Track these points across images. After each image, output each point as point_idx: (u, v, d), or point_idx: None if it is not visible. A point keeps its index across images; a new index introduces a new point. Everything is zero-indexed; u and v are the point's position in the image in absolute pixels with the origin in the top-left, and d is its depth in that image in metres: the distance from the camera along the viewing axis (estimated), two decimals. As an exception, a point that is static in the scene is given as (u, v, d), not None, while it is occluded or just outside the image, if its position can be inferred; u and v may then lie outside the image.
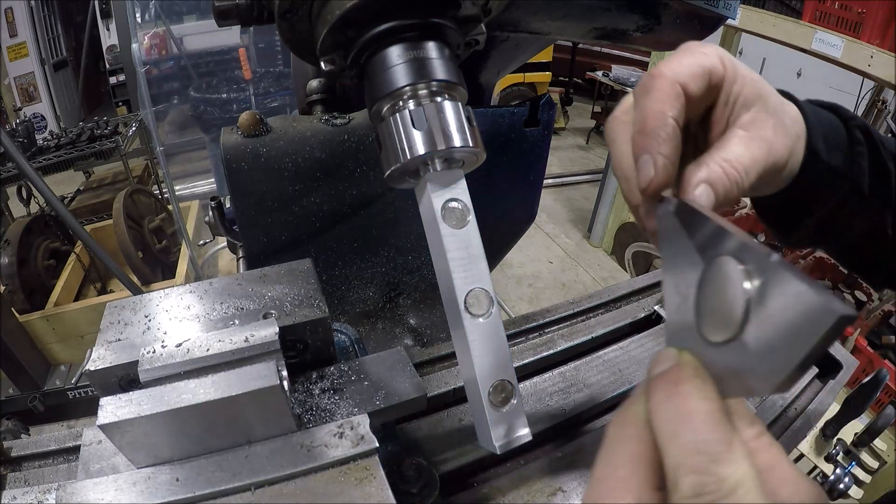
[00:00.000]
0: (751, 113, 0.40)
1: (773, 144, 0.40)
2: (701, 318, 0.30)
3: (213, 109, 3.61)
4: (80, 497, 0.43)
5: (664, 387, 0.28)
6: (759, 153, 0.39)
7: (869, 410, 1.01)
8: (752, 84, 0.41)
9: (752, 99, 0.40)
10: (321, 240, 0.89)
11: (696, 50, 0.39)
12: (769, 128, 0.41)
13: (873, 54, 2.25)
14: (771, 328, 0.24)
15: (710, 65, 0.39)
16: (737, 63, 0.41)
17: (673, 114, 0.37)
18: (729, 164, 0.38)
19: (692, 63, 0.38)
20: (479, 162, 0.45)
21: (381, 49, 0.43)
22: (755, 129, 0.40)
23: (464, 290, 0.42)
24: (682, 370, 0.28)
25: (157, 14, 3.73)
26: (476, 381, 0.42)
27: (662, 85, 0.37)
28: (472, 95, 0.49)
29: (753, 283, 0.26)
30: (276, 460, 0.47)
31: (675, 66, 0.38)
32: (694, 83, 0.38)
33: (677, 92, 0.37)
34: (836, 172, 0.47)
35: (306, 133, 0.80)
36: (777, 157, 0.41)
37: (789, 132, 0.42)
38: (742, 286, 0.26)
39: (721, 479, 0.23)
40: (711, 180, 0.37)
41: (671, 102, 0.37)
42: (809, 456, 1.03)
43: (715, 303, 0.28)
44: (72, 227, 1.03)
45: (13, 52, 5.18)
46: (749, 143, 0.39)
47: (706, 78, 0.38)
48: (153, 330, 0.53)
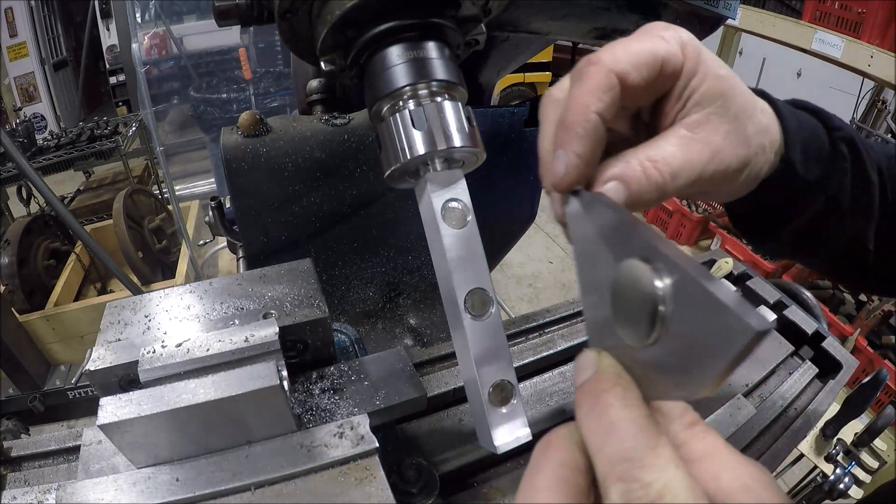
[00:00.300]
0: (703, 112, 0.36)
1: (719, 151, 0.37)
2: (617, 320, 0.29)
3: (213, 109, 3.61)
4: (80, 497, 0.43)
5: (587, 399, 0.28)
6: (697, 158, 0.36)
7: (869, 410, 1.01)
8: (716, 81, 0.36)
9: (711, 97, 0.36)
10: (321, 240, 0.89)
11: (653, 34, 0.36)
12: (720, 132, 0.37)
13: (873, 54, 2.25)
14: (686, 338, 0.24)
15: (665, 52, 0.35)
16: (704, 55, 0.36)
17: (598, 107, 0.34)
18: (652, 165, 0.35)
19: (641, 50, 0.34)
20: (479, 162, 0.45)
21: (381, 49, 0.43)
22: (702, 130, 0.36)
23: (464, 290, 0.42)
24: (603, 379, 0.28)
25: (157, 14, 3.72)
26: (476, 381, 0.42)
27: (594, 74, 0.34)
28: (472, 95, 0.49)
29: (666, 289, 0.24)
30: (276, 460, 0.47)
31: (618, 53, 0.34)
32: (637, 72, 0.34)
33: (610, 83, 0.34)
34: (813, 186, 0.44)
35: (306, 133, 0.80)
36: (723, 166, 0.37)
37: (749, 142, 0.39)
38: (654, 292, 0.25)
39: (646, 484, 0.23)
40: (626, 177, 0.34)
41: (599, 95, 0.34)
42: (809, 456, 1.03)
43: (629, 307, 0.27)
44: (72, 227, 1.03)
45: (13, 52, 5.18)
46: (688, 144, 0.36)
47: (654, 66, 0.35)
48: (153, 330, 0.53)
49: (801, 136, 0.43)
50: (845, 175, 0.45)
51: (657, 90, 0.37)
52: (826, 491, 0.99)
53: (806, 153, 0.43)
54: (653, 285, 0.25)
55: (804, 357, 0.85)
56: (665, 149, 0.35)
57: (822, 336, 0.87)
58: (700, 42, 0.37)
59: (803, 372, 0.82)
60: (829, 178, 0.44)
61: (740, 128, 0.38)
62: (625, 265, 0.27)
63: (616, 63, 0.34)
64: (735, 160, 0.38)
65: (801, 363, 0.84)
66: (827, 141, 0.45)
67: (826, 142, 0.45)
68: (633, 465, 0.24)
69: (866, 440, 1.00)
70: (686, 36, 0.36)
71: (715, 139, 0.36)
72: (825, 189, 0.44)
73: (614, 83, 0.34)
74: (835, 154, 0.45)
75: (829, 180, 0.44)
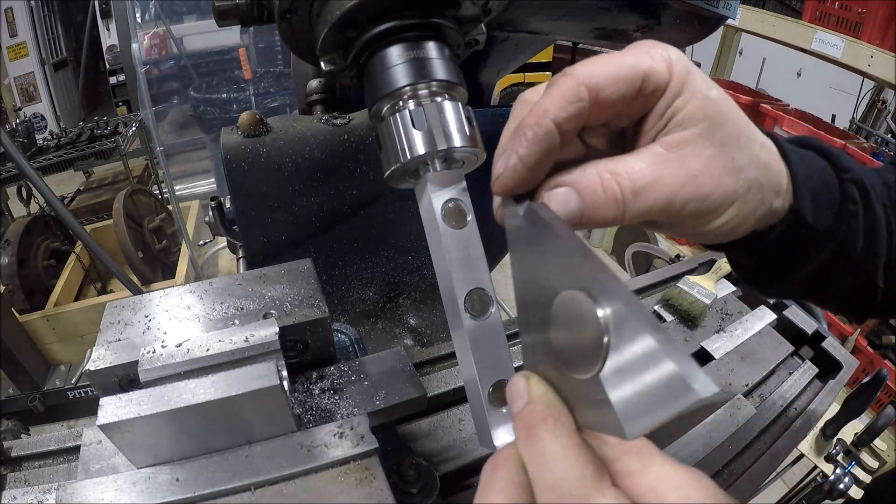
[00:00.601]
0: (685, 133, 0.33)
1: (697, 176, 0.33)
2: (556, 346, 0.28)
3: (213, 109, 3.61)
4: (80, 497, 0.43)
5: (522, 430, 0.28)
6: (669, 179, 0.33)
7: (869, 410, 1.01)
8: (703, 102, 0.34)
9: (695, 118, 0.33)
10: (321, 240, 0.89)
11: (640, 50, 0.34)
12: (701, 157, 0.34)
13: (873, 54, 2.25)
14: (624, 385, 0.23)
15: (648, 67, 0.33)
16: (693, 76, 0.34)
17: (555, 115, 0.32)
18: (612, 177, 0.32)
19: (621, 64, 0.32)
20: (480, 162, 0.45)
21: (381, 49, 0.43)
22: (680, 151, 0.33)
23: (464, 290, 0.42)
24: (534, 409, 0.28)
25: (157, 14, 3.72)
26: (476, 381, 0.42)
27: (563, 83, 0.32)
28: (472, 95, 0.49)
29: (608, 329, 0.23)
30: (276, 460, 0.47)
31: (595, 65, 0.32)
32: (612, 86, 0.32)
33: (577, 94, 0.32)
34: (822, 234, 0.41)
35: (306, 133, 0.80)
36: (701, 193, 0.34)
37: (739, 173, 0.35)
38: (599, 336, 0.23)
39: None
40: (579, 185, 0.32)
41: (560, 103, 0.32)
42: (809, 456, 1.03)
43: (569, 339, 0.26)
44: (72, 227, 1.03)
45: (13, 52, 5.18)
46: (660, 163, 0.33)
47: (634, 81, 0.32)
48: (153, 330, 0.53)
49: (812, 183, 0.40)
50: (856, 218, 0.41)
51: (639, 107, 0.34)
52: (826, 491, 0.99)
53: (816, 201, 0.40)
54: (598, 328, 0.23)
55: (804, 357, 0.85)
56: (631, 164, 0.33)
57: (822, 336, 0.87)
58: (691, 63, 0.35)
59: (803, 372, 0.82)
60: (839, 223, 0.41)
61: (727, 155, 0.34)
62: (568, 296, 0.26)
63: (589, 76, 0.32)
64: (718, 190, 0.34)
65: (801, 363, 0.84)
66: (837, 185, 0.41)
67: (836, 186, 0.41)
68: (562, 494, 0.25)
69: (866, 440, 1.00)
70: (675, 55, 0.34)
71: (694, 162, 0.33)
72: (834, 235, 0.41)
73: (582, 95, 0.32)
74: (844, 198, 0.41)
75: (839, 226, 0.41)
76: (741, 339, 0.85)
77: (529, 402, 0.29)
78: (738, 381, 0.77)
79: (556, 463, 0.26)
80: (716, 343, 0.83)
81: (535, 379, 0.30)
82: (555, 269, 0.27)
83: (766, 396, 0.77)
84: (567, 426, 0.27)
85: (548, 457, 0.26)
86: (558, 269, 0.27)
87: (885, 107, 3.20)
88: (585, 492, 0.25)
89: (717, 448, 0.66)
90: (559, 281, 0.27)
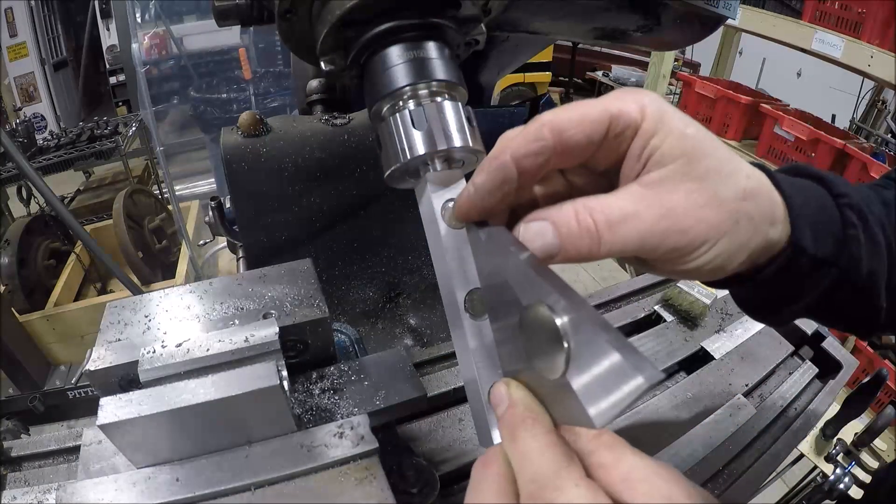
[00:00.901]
0: (663, 171, 0.34)
1: (674, 209, 0.34)
2: (529, 354, 0.30)
3: (213, 109, 3.61)
4: (80, 497, 0.43)
5: (505, 431, 0.32)
6: (644, 213, 0.33)
7: (869, 410, 1.00)
8: (679, 140, 0.34)
9: (672, 156, 0.34)
10: (321, 240, 0.89)
11: (610, 96, 0.35)
12: (679, 191, 0.34)
13: (873, 54, 2.25)
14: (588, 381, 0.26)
15: (615, 111, 0.34)
16: (668, 116, 0.34)
17: (514, 151, 0.34)
18: (587, 210, 0.33)
19: (590, 108, 0.34)
20: (480, 162, 0.45)
21: (381, 49, 0.43)
22: (658, 187, 0.34)
23: (464, 290, 0.42)
24: (515, 412, 0.31)
25: (157, 14, 3.72)
26: (476, 381, 0.42)
27: (530, 126, 0.34)
28: (472, 95, 0.49)
29: (568, 335, 0.27)
30: (276, 460, 0.47)
31: (560, 111, 0.34)
32: (576, 128, 0.33)
33: (538, 135, 0.34)
34: (823, 263, 0.40)
35: (306, 133, 0.80)
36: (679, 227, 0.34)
37: (723, 206, 0.35)
38: (558, 337, 0.27)
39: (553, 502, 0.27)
40: (554, 218, 0.33)
41: (521, 142, 0.34)
42: (809, 456, 1.03)
43: (538, 347, 0.29)
44: (72, 227, 1.03)
45: (13, 52, 5.18)
46: (636, 199, 0.34)
47: (601, 124, 0.34)
48: (153, 330, 0.53)
49: (808, 211, 0.39)
50: (857, 244, 0.40)
51: (613, 148, 0.35)
52: (826, 491, 0.99)
53: (816, 229, 0.39)
54: (559, 335, 0.27)
55: (804, 357, 0.85)
56: (608, 200, 0.34)
57: (821, 336, 0.87)
58: (667, 104, 0.35)
59: (803, 372, 0.82)
60: (840, 250, 0.40)
61: (708, 189, 0.34)
62: (532, 309, 0.29)
63: (554, 119, 0.34)
64: (700, 223, 0.34)
65: (801, 363, 0.84)
66: (835, 211, 0.40)
67: (835, 212, 0.40)
68: (541, 486, 0.28)
69: (866, 440, 1.00)
70: (648, 98, 0.34)
71: (671, 197, 0.34)
72: (837, 263, 0.40)
73: (542, 135, 0.33)
74: (845, 224, 0.40)
75: (841, 253, 0.40)
76: (741, 339, 0.85)
77: (510, 406, 0.32)
78: (738, 381, 0.77)
79: (535, 458, 0.29)
80: (716, 343, 0.83)
81: (515, 384, 0.33)
82: (517, 286, 0.30)
83: (766, 396, 0.77)
84: (544, 425, 0.30)
85: (528, 453, 0.29)
86: (520, 285, 0.30)
87: (885, 107, 3.20)
88: (561, 482, 0.28)
89: (717, 448, 0.66)
90: (522, 295, 0.30)
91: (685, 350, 0.83)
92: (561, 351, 0.27)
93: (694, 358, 0.82)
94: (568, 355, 0.27)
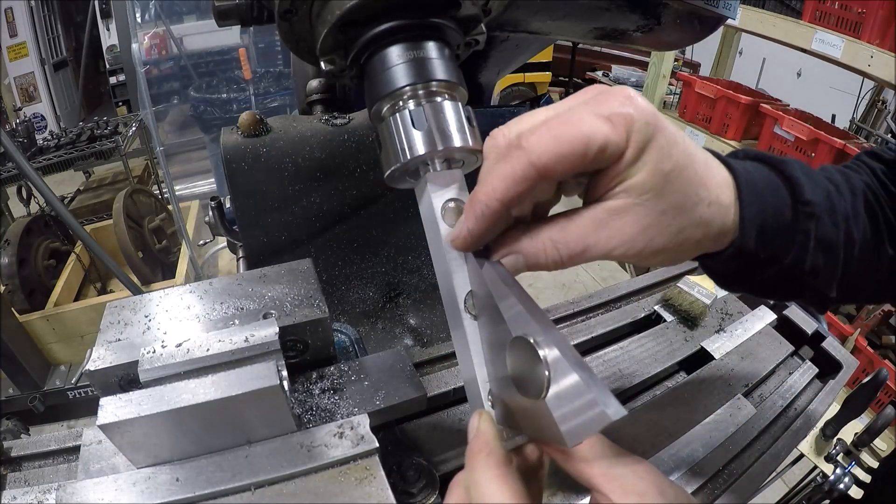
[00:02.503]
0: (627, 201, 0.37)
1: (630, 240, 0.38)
2: (512, 377, 0.34)
3: (213, 109, 3.61)
4: (80, 497, 0.43)
5: (468, 460, 0.36)
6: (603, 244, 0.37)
7: (869, 410, 1.01)
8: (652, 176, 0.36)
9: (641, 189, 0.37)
10: (321, 240, 0.89)
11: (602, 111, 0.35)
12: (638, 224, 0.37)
13: (873, 54, 2.25)
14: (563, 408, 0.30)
15: (603, 139, 0.34)
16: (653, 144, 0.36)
17: (503, 196, 0.35)
18: (553, 245, 0.37)
19: (574, 137, 0.34)
20: (480, 162, 0.45)
21: (381, 49, 0.43)
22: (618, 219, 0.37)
23: (464, 290, 0.42)
24: (474, 444, 0.36)
25: (157, 14, 3.72)
26: (476, 381, 0.42)
27: (516, 162, 0.35)
28: (472, 95, 0.49)
29: (548, 366, 0.30)
30: (276, 460, 0.47)
31: (546, 141, 0.34)
32: (560, 165, 0.35)
33: (526, 175, 0.35)
34: (767, 261, 0.43)
35: (306, 133, 0.80)
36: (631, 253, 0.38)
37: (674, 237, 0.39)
38: (539, 368, 0.31)
39: None
40: (525, 253, 0.38)
41: (510, 185, 0.35)
42: (809, 456, 1.03)
43: (520, 371, 0.33)
44: (72, 227, 1.03)
45: (13, 52, 5.18)
46: (597, 229, 0.37)
47: (585, 155, 0.35)
48: (153, 330, 0.53)
49: (762, 219, 0.42)
50: (805, 248, 0.43)
51: (594, 167, 0.37)
52: (826, 491, 0.99)
53: (763, 233, 0.42)
54: (541, 365, 0.31)
55: (804, 357, 0.85)
56: (571, 231, 0.38)
57: (821, 336, 0.87)
58: (657, 126, 0.36)
59: (803, 372, 0.82)
60: (787, 251, 0.43)
61: (664, 223, 0.38)
62: (519, 340, 0.33)
63: (539, 157, 0.35)
64: (649, 248, 0.38)
65: (801, 363, 0.84)
66: (790, 216, 0.43)
67: (789, 217, 0.43)
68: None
69: (866, 440, 1.00)
70: (638, 116, 0.35)
71: (629, 230, 0.37)
72: (780, 260, 0.43)
73: (530, 175, 0.35)
74: (796, 230, 0.43)
75: (787, 252, 0.43)
76: (741, 339, 0.85)
77: (475, 437, 0.36)
78: (738, 381, 0.77)
79: (483, 487, 0.33)
80: (716, 343, 0.83)
81: (486, 417, 0.37)
82: (509, 319, 0.34)
83: (766, 396, 0.77)
84: (497, 459, 0.34)
85: (478, 482, 0.34)
86: (510, 318, 0.34)
87: (885, 107, 3.20)
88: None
89: (717, 448, 0.66)
90: (512, 327, 0.34)
91: (685, 350, 0.83)
92: (542, 379, 0.31)
93: (694, 358, 0.82)
94: (548, 384, 0.30)
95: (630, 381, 0.75)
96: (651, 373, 0.77)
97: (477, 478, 0.34)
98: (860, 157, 0.55)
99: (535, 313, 0.33)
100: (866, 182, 0.50)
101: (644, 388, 0.80)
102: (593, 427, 0.29)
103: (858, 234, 0.46)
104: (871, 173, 0.51)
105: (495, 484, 0.33)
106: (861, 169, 0.52)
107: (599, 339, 0.84)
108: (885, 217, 0.48)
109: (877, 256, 0.47)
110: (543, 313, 0.33)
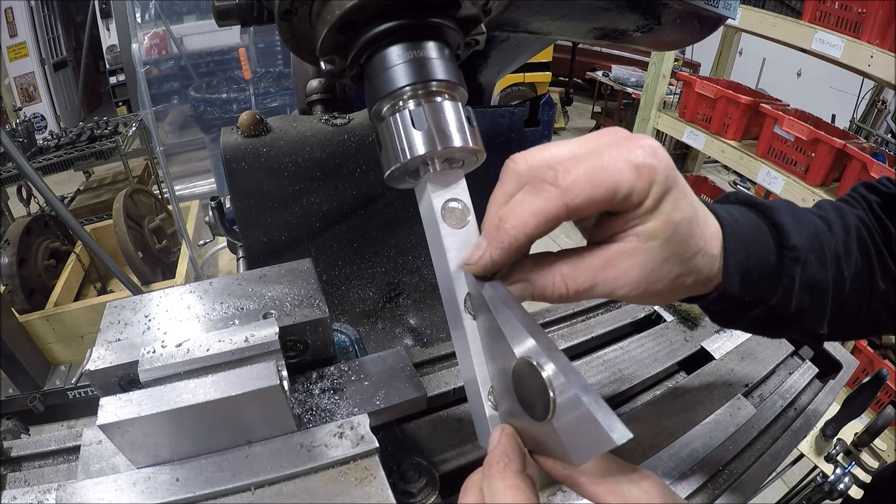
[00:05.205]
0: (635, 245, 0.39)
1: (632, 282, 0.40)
2: (519, 399, 0.35)
3: (213, 109, 3.61)
4: (80, 497, 0.43)
5: (487, 468, 0.37)
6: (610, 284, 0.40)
7: (869, 410, 1.01)
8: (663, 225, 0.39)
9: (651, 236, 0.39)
10: (321, 240, 0.89)
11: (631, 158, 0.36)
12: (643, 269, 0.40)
13: (873, 54, 2.25)
14: (570, 429, 0.31)
15: (629, 189, 0.36)
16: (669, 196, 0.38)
17: (532, 232, 0.37)
18: (562, 279, 0.39)
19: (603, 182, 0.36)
20: (480, 162, 0.45)
21: (381, 49, 0.43)
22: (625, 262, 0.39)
23: (464, 291, 0.42)
24: (493, 455, 0.37)
25: (157, 14, 3.72)
26: (476, 381, 0.42)
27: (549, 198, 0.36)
28: (472, 95, 0.49)
29: (553, 388, 0.31)
30: (276, 460, 0.47)
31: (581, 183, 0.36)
32: (589, 207, 0.36)
33: (558, 214, 0.36)
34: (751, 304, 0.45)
35: (306, 133, 0.80)
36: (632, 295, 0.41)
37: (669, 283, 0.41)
38: (544, 390, 0.32)
39: None
40: (536, 285, 0.40)
41: (540, 220, 0.36)
42: (809, 456, 1.03)
43: (528, 395, 0.34)
44: (72, 227, 1.03)
45: (13, 52, 5.18)
46: (604, 269, 0.39)
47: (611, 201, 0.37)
48: (153, 330, 0.53)
49: (746, 265, 0.44)
50: (790, 291, 0.45)
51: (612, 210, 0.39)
52: (826, 491, 0.99)
53: (747, 279, 0.44)
54: (545, 388, 0.31)
55: (804, 357, 0.85)
56: (582, 268, 0.40)
57: (822, 336, 0.87)
58: (674, 180, 0.38)
59: (803, 372, 0.82)
60: (771, 294, 0.45)
61: (664, 269, 0.40)
62: (523, 362, 0.34)
63: (574, 199, 0.36)
64: (647, 292, 0.41)
65: (801, 363, 0.84)
66: (775, 261, 0.45)
67: (773, 262, 0.45)
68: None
69: (866, 440, 1.00)
70: (661, 168, 0.37)
71: (634, 273, 0.40)
72: (765, 302, 0.45)
73: (562, 215, 0.36)
74: (781, 275, 0.45)
75: (771, 295, 0.45)
76: (741, 338, 0.85)
77: (495, 447, 0.37)
78: (738, 381, 0.77)
79: (499, 494, 0.35)
80: (716, 343, 0.84)
81: (508, 430, 0.38)
82: (512, 339, 0.35)
83: (766, 396, 0.77)
84: (513, 470, 0.35)
85: (495, 489, 0.35)
86: (514, 339, 0.35)
87: (885, 107, 3.20)
88: None
89: (717, 448, 0.66)
90: (516, 348, 0.35)
91: (685, 350, 0.83)
92: (547, 401, 0.31)
93: (694, 358, 0.82)
94: (554, 406, 0.31)
95: (630, 381, 0.75)
96: (651, 373, 0.77)
97: (495, 485, 0.35)
98: (857, 188, 0.56)
99: (536, 334, 0.34)
100: (860, 217, 0.51)
101: (644, 388, 0.80)
102: (600, 448, 0.29)
103: (849, 271, 0.48)
104: (866, 206, 0.53)
105: (510, 493, 0.34)
106: (857, 202, 0.53)
107: (599, 339, 0.84)
108: (877, 251, 0.50)
109: (869, 291, 0.49)
110: (545, 333, 0.34)
